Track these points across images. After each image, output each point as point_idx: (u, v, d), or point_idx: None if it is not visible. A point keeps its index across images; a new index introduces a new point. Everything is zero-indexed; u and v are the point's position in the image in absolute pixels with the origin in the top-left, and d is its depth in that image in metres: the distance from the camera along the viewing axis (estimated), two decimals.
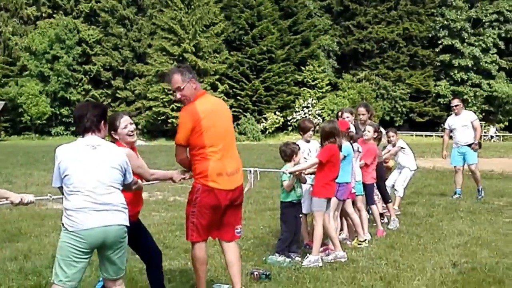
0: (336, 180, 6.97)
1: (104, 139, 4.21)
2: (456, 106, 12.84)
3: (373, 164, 8.58)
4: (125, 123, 4.80)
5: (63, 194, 4.07)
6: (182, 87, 4.94)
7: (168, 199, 13.10)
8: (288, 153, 7.07)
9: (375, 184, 8.77)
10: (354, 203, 8.06)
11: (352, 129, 8.25)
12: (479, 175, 12.91)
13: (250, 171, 7.29)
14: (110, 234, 3.98)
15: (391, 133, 10.25)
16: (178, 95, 5.01)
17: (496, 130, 53.51)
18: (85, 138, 4.10)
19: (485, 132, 48.18)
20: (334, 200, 7.16)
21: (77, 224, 3.88)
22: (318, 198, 6.86)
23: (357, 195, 8.10)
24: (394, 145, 10.14)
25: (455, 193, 12.93)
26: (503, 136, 54.57)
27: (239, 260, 5.43)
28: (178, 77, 4.98)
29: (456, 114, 12.80)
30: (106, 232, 3.95)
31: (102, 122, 4.16)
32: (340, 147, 6.88)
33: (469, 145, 12.63)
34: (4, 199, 4.16)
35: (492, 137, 50.65)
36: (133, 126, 4.92)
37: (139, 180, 4.73)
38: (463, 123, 12.49)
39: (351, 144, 7.73)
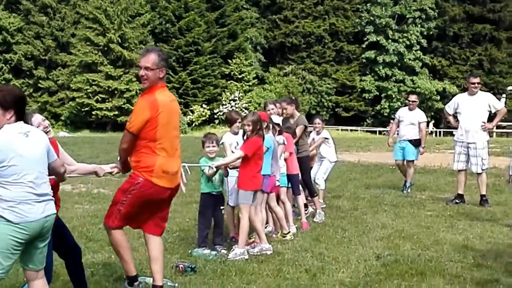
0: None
1: None
2: (412, 102, 12.71)
3: (293, 153, 8.55)
4: (37, 122, 4.66)
5: None
6: (151, 68, 4.85)
7: (91, 191, 12.89)
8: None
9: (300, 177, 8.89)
10: (278, 196, 8.12)
11: (279, 121, 8.18)
12: (412, 172, 12.97)
13: (184, 166, 6.84)
14: (48, 224, 3.97)
15: (317, 120, 10.21)
16: (142, 73, 4.83)
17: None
18: (15, 125, 3.95)
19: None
20: (259, 193, 7.15)
21: (23, 216, 3.81)
22: (244, 191, 6.84)
23: (281, 187, 8.15)
24: (318, 133, 10.12)
25: (405, 186, 13.16)
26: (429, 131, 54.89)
27: (163, 255, 5.36)
28: (154, 57, 4.88)
29: (409, 109, 12.71)
30: (45, 222, 3.92)
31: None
32: (263, 139, 6.97)
33: (410, 141, 12.54)
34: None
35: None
36: (46, 122, 4.78)
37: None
38: (412, 121, 12.49)
39: (274, 136, 7.82)
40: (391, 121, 13.56)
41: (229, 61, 54.59)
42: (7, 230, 3.74)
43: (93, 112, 49.05)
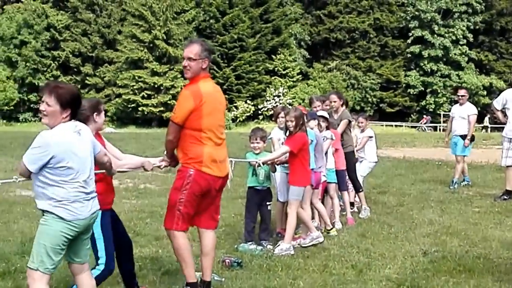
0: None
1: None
2: (462, 96, 12.74)
3: (340, 149, 8.55)
4: (101, 115, 4.72)
5: (33, 179, 4.01)
6: (194, 59, 4.84)
7: (138, 186, 12.89)
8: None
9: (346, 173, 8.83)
10: (326, 191, 8.16)
11: (326, 116, 8.18)
12: (461, 168, 12.91)
13: (231, 161, 6.90)
14: (93, 219, 4.09)
15: (361, 119, 10.22)
16: (185, 63, 4.89)
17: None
18: (69, 123, 4.02)
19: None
20: (308, 188, 7.10)
21: (75, 214, 3.90)
22: (296, 187, 6.82)
23: (329, 183, 8.12)
24: (363, 131, 10.09)
25: (463, 180, 13.07)
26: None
27: (214, 251, 5.38)
28: (197, 48, 4.90)
29: (460, 105, 12.75)
30: (91, 218, 4.04)
31: None
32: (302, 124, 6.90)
33: (461, 136, 12.64)
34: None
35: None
36: (102, 119, 4.85)
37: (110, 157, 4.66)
38: (462, 115, 12.46)
39: (324, 131, 7.82)
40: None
41: (273, 57, 54.28)
42: (59, 227, 3.86)
43: (139, 108, 49.64)
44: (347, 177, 8.95)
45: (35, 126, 47.38)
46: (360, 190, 9.46)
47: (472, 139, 12.83)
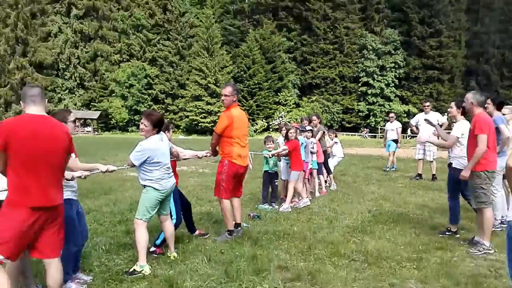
0: None
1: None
2: (391, 117, 15.06)
3: (320, 149, 10.29)
4: (170, 131, 6.03)
5: (135, 168, 5.33)
6: (227, 95, 6.27)
7: (198, 170, 14.80)
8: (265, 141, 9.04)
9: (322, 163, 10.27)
10: (311, 174, 9.87)
11: (310, 129, 9.97)
12: (391, 160, 15.27)
13: (251, 154, 7.96)
14: (172, 189, 5.49)
15: (330, 132, 12.22)
16: (223, 98, 6.30)
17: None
18: (157, 135, 5.29)
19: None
20: (301, 172, 8.86)
21: (164, 186, 5.27)
22: (294, 171, 8.54)
23: (312, 169, 9.82)
24: (332, 139, 12.08)
25: (393, 168, 15.09)
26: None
27: (241, 208, 6.87)
28: (229, 89, 6.34)
29: (390, 122, 14.91)
30: (171, 188, 5.43)
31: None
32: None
33: (393, 140, 15.06)
34: (96, 169, 5.01)
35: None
36: (171, 133, 6.09)
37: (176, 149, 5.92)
38: (392, 128, 15.06)
39: (308, 138, 9.53)
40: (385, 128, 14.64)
41: (278, 93, 63.90)
42: (155, 194, 5.15)
43: (199, 124, 59.59)
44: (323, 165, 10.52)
45: (137, 135, 52.51)
46: (331, 173, 11.21)
47: (397, 141, 14.84)
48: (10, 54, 63.02)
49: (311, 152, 9.91)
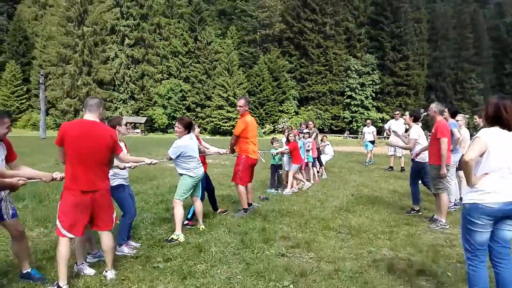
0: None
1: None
2: (368, 123, 14.82)
3: (315, 147, 10.18)
4: (196, 131, 6.00)
5: (173, 161, 5.29)
6: (241, 106, 6.34)
7: (221, 162, 14.85)
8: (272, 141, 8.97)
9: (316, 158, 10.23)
10: (307, 166, 9.81)
11: (306, 131, 10.02)
12: (369, 156, 15.06)
13: (260, 152, 7.72)
14: (202, 176, 5.31)
15: (322, 136, 12.31)
16: (238, 108, 6.39)
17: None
18: (188, 135, 5.19)
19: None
20: (300, 166, 8.87)
21: (197, 174, 5.24)
22: (295, 165, 8.61)
23: (308, 162, 9.79)
24: (323, 141, 11.99)
25: (370, 162, 14.84)
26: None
27: (252, 191, 6.85)
28: (243, 101, 6.39)
29: (368, 126, 14.61)
30: (202, 176, 5.28)
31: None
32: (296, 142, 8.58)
33: (370, 141, 14.93)
34: (143, 161, 4.99)
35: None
36: (197, 130, 6.05)
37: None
38: (369, 131, 14.75)
39: (305, 139, 9.59)
40: (361, 131, 13.25)
41: (282, 104, 64.34)
42: (190, 180, 5.21)
43: (221, 127, 60.38)
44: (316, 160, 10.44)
45: (174, 135, 57.94)
46: (322, 165, 11.10)
47: (374, 142, 14.81)
48: (78, 73, 62.73)
49: (306, 150, 9.89)
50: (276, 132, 60.50)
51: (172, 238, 5.21)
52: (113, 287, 3.81)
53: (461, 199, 7.73)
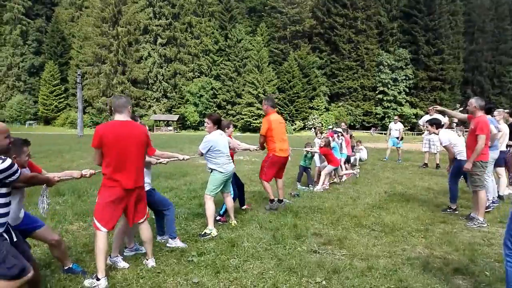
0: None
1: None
2: (396, 119, 14.90)
3: (349, 145, 10.45)
4: (229, 130, 5.97)
5: (203, 155, 5.41)
6: (264, 106, 6.72)
7: (251, 159, 14.81)
8: (306, 144, 9.28)
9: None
10: (340, 166, 9.55)
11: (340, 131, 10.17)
12: (400, 153, 14.70)
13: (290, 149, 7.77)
14: (232, 173, 5.59)
15: (357, 141, 12.89)
16: (263, 108, 6.66)
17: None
18: (217, 131, 5.35)
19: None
20: (334, 166, 8.81)
21: (227, 170, 5.36)
22: (331, 166, 8.72)
23: (341, 159, 9.64)
24: (358, 146, 12.79)
25: (398, 159, 14.45)
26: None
27: (284, 187, 6.92)
28: (263, 101, 6.72)
29: (394, 123, 14.49)
30: (232, 172, 5.51)
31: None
32: (329, 144, 8.70)
33: (396, 137, 14.53)
34: (176, 158, 5.11)
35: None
36: (231, 128, 6.05)
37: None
38: (396, 128, 14.41)
39: (339, 138, 9.63)
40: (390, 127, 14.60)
41: (312, 100, 65.08)
42: (220, 176, 5.31)
43: (251, 124, 61.34)
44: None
45: (205, 132, 63.76)
46: (355, 164, 11.21)
47: (400, 139, 14.50)
48: (113, 72, 64.80)
49: (340, 148, 9.99)
50: (306, 129, 63.40)
51: (205, 232, 5.28)
52: (150, 279, 3.91)
53: (499, 196, 7.63)
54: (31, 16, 74.18)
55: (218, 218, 6.01)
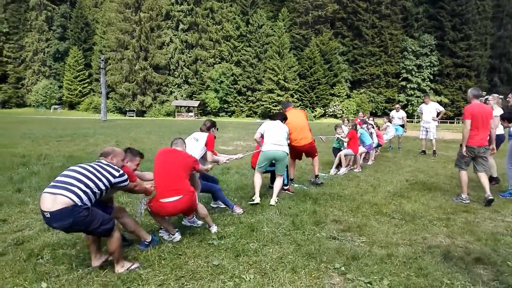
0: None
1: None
2: (397, 107, 14.91)
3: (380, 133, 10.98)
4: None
5: (257, 142, 6.26)
6: (284, 109, 7.28)
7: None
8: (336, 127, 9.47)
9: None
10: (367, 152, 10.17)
11: (371, 122, 10.86)
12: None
13: (321, 136, 9.43)
14: (278, 155, 6.08)
15: (385, 118, 13.28)
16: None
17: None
18: (276, 121, 6.24)
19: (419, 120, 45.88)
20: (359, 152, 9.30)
21: (267, 150, 6.13)
22: (349, 150, 9.18)
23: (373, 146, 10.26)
24: (385, 122, 13.15)
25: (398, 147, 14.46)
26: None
27: (318, 164, 7.59)
28: (287, 103, 7.44)
29: (396, 111, 14.64)
30: (274, 153, 6.06)
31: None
32: (356, 131, 9.19)
33: (400, 125, 14.60)
34: (233, 158, 5.91)
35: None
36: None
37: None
38: (399, 116, 14.65)
39: (368, 129, 10.14)
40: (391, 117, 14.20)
41: (333, 87, 64.43)
42: (262, 155, 6.15)
43: (271, 111, 58.45)
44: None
45: (226, 117, 62.70)
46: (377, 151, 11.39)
47: (403, 126, 14.64)
48: (136, 58, 65.44)
49: (371, 136, 10.50)
50: (327, 116, 63.50)
51: (253, 199, 6.12)
52: (171, 261, 4.01)
53: (494, 178, 7.91)
54: (56, 2, 75.90)
55: (285, 188, 6.92)
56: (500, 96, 8.41)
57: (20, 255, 4.01)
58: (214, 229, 4.80)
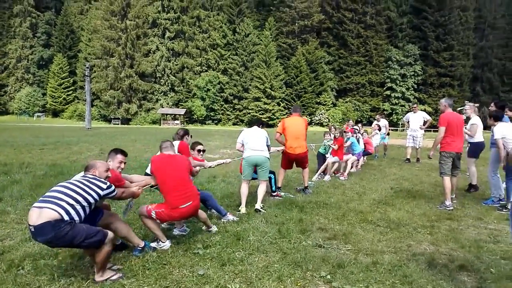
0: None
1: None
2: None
3: (370, 141, 11.32)
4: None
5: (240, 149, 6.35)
6: (292, 112, 7.41)
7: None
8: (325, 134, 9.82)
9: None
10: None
11: (357, 128, 11.00)
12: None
13: (311, 145, 9.50)
14: (259, 160, 6.19)
15: (375, 123, 13.27)
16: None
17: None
18: (253, 127, 6.34)
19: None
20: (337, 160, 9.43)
21: (247, 156, 6.25)
22: (335, 157, 9.41)
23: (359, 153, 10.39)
24: (374, 129, 13.10)
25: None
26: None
27: (307, 174, 7.65)
28: (295, 108, 7.50)
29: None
30: (256, 158, 6.18)
31: None
32: (343, 139, 9.35)
33: (386, 134, 14.71)
34: (222, 162, 6.18)
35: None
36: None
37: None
38: (383, 125, 14.44)
39: (355, 136, 10.29)
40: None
41: (319, 96, 64.87)
42: (244, 162, 6.25)
43: (258, 118, 62.79)
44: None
45: (213, 126, 61.66)
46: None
47: (387, 134, 14.83)
48: (122, 66, 64.76)
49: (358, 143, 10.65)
50: (313, 124, 62.58)
51: (239, 209, 6.16)
52: (155, 271, 3.96)
53: (473, 186, 8.12)
54: (41, 9, 74.75)
55: (274, 194, 7.14)
56: (476, 105, 8.75)
57: (0, 266, 3.96)
58: (214, 229, 5.08)
